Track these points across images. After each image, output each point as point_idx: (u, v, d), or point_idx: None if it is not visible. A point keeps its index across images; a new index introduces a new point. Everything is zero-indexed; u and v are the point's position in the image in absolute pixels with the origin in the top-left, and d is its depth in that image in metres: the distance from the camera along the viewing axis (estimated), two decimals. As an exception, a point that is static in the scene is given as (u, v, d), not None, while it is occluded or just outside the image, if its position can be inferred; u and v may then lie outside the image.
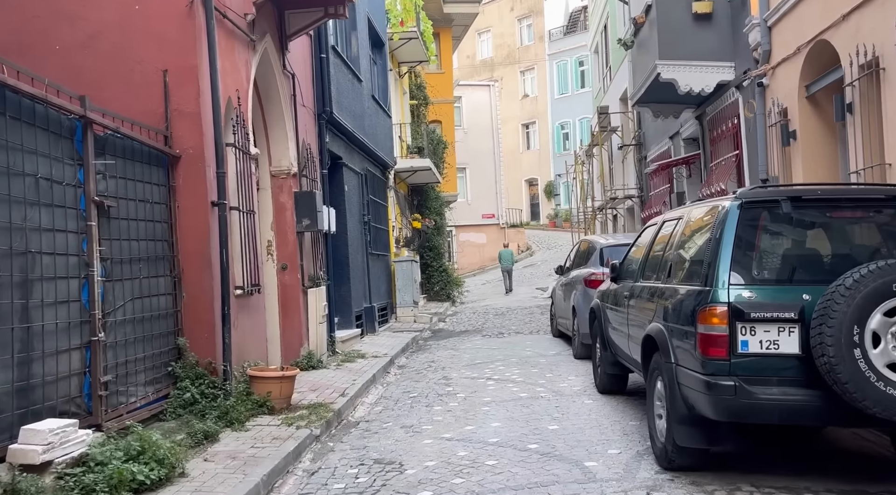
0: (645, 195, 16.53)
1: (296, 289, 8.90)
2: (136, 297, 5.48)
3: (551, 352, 10.07)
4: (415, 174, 17.63)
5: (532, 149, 40.78)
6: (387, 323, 14.42)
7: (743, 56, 9.73)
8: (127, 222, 5.41)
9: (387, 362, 9.50)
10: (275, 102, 8.70)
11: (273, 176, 8.86)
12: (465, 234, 32.87)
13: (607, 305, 6.65)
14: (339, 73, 10.96)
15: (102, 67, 6.13)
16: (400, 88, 18.95)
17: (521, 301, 19.96)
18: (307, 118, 9.70)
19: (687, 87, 10.24)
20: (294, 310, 8.88)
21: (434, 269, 20.51)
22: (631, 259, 6.28)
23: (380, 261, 14.28)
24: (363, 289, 12.54)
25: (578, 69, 38.25)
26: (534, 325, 13.69)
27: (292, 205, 8.91)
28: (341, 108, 10.87)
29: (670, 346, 4.37)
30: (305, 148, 9.45)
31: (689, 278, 4.41)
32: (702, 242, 4.40)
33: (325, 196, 10.11)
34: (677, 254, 4.74)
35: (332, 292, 10.15)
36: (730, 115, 10.43)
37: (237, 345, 6.67)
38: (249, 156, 7.32)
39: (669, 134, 14.02)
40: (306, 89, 9.71)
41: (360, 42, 12.77)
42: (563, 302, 10.65)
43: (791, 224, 4.09)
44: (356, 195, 12.44)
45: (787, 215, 4.04)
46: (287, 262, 8.84)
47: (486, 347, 10.98)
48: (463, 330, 13.94)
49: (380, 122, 14.21)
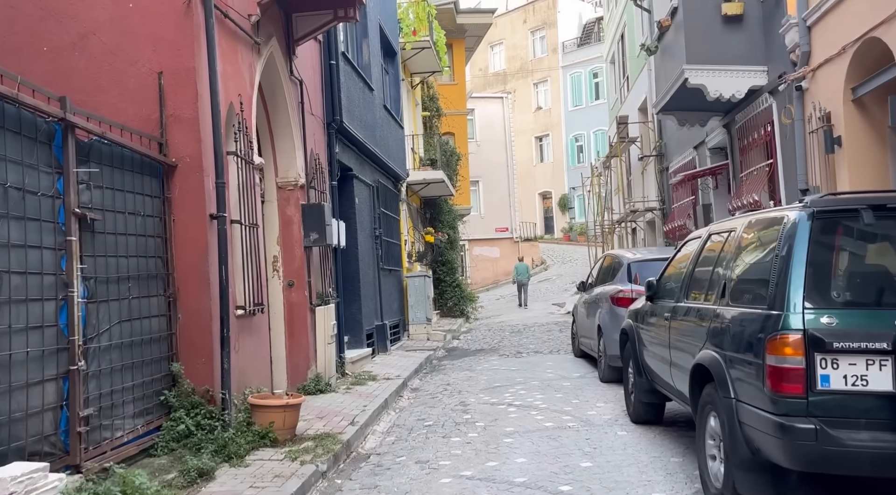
0: (667, 207, 15.93)
1: (303, 308, 8.37)
2: (125, 320, 4.96)
3: (575, 374, 9.46)
4: (427, 186, 17.13)
5: (546, 161, 40.26)
6: (399, 341, 13.86)
7: (777, 59, 9.17)
8: (114, 237, 4.91)
9: (399, 385, 8.94)
10: (281, 110, 8.22)
11: (279, 187, 8.37)
12: (479, 248, 32.30)
13: (642, 326, 6.06)
14: (350, 81, 10.49)
15: (94, 70, 5.67)
16: (412, 99, 18.51)
17: (537, 317, 19.34)
18: (316, 127, 9.22)
19: (716, 93, 9.68)
20: (301, 329, 8.35)
21: (447, 284, 19.96)
22: (670, 276, 5.70)
23: (392, 276, 13.74)
24: (374, 306, 12.00)
25: (592, 81, 37.78)
26: (553, 344, 13.08)
27: (299, 219, 8.40)
28: (352, 117, 10.39)
29: (728, 379, 3.79)
30: (314, 158, 8.95)
31: (749, 300, 3.83)
32: (763, 258, 3.83)
33: (335, 209, 9.61)
34: (733, 272, 4.16)
35: (341, 310, 9.61)
36: (762, 123, 9.85)
37: (238, 370, 6.14)
38: (253, 165, 6.82)
39: (694, 143, 13.44)
40: (315, 97, 9.24)
41: (372, 50, 12.32)
42: (586, 320, 10.05)
43: (874, 236, 3.51)
44: (367, 208, 11.94)
45: (868, 226, 3.46)
46: (294, 279, 8.33)
47: (505, 368, 10.39)
48: (478, 348, 13.35)
49: (392, 133, 13.73)
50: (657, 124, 16.30)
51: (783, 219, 3.72)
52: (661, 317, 5.44)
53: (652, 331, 5.73)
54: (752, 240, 4.10)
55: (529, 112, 40.27)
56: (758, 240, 4.02)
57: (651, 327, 5.77)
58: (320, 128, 9.42)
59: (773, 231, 3.81)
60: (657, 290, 5.79)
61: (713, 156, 12.58)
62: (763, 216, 4.10)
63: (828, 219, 3.53)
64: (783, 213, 3.80)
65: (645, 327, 5.99)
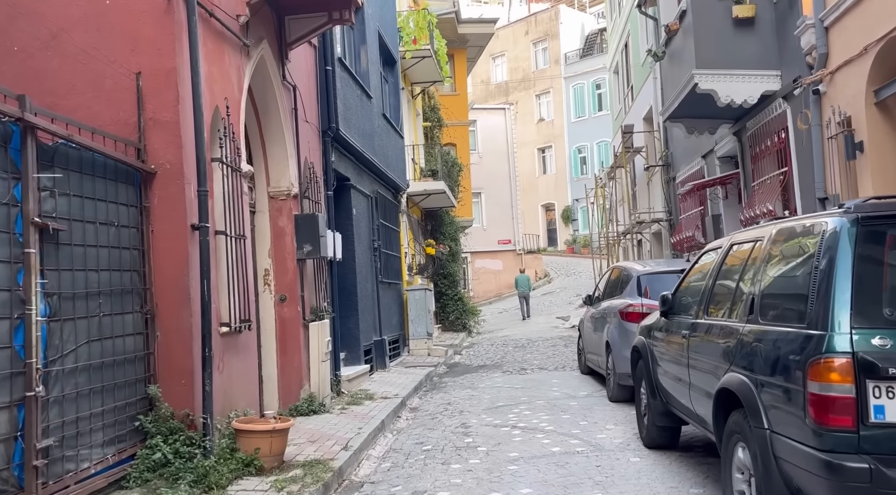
0: (674, 218, 15.51)
1: (296, 324, 7.96)
2: (94, 339, 4.56)
3: (582, 392, 9.01)
4: (428, 198, 16.75)
5: (548, 173, 39.91)
6: (399, 356, 13.42)
7: (791, 63, 8.79)
8: (83, 249, 4.51)
9: (398, 404, 8.50)
10: (273, 116, 7.86)
11: (271, 197, 7.98)
12: (481, 261, 31.88)
13: (656, 344, 5.63)
14: (347, 87, 10.14)
15: (68, 70, 5.30)
16: (413, 109, 18.18)
17: (541, 331, 18.89)
18: (310, 135, 8.85)
19: (728, 99, 9.30)
20: (293, 346, 7.93)
21: (449, 298, 19.53)
22: (686, 289, 5.29)
23: (391, 289, 13.33)
24: (373, 320, 11.58)
25: (595, 92, 37.50)
26: (558, 360, 12.62)
27: (292, 230, 8.01)
28: (349, 125, 10.02)
29: (760, 406, 3.36)
30: (308, 167, 8.58)
31: (783, 317, 3.41)
32: (798, 271, 3.41)
33: (331, 220, 9.22)
34: (761, 286, 3.74)
35: (337, 325, 9.19)
36: (775, 129, 9.46)
37: (222, 391, 5.72)
38: (240, 173, 6.44)
39: (702, 152, 13.05)
40: (310, 103, 8.87)
41: (370, 57, 11.98)
42: (593, 336, 9.61)
43: (929, 246, 3.10)
44: (365, 219, 11.55)
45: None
46: (286, 293, 7.92)
47: (508, 386, 9.94)
48: (481, 364, 12.90)
49: (391, 143, 13.37)
50: (663, 133, 15.93)
51: (821, 228, 3.31)
52: (677, 334, 5.01)
53: (667, 349, 5.30)
54: (783, 250, 3.69)
55: (532, 123, 39.99)
56: (790, 251, 3.61)
57: (666, 345, 5.35)
58: (315, 136, 9.05)
59: (808, 240, 3.40)
60: (672, 305, 5.37)
61: (723, 165, 12.18)
62: (795, 224, 3.69)
63: (874, 225, 3.11)
64: (820, 220, 3.39)
65: (659, 345, 5.57)
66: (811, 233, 3.41)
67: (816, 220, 3.44)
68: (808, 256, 3.33)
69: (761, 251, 3.90)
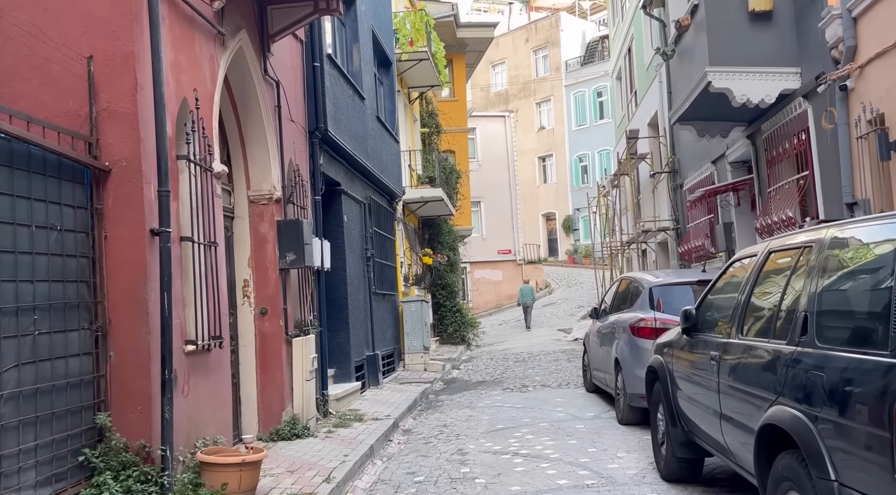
0: (681, 227, 14.88)
1: (278, 339, 7.30)
2: (28, 361, 3.91)
3: (589, 413, 8.34)
4: (425, 205, 16.13)
5: (549, 182, 39.32)
6: (393, 372, 12.75)
7: (812, 59, 8.20)
8: (14, 256, 3.87)
9: (389, 426, 7.83)
10: (254, 113, 7.24)
11: (252, 201, 7.35)
12: (481, 271, 31.23)
13: (677, 365, 4.98)
14: (337, 86, 9.53)
15: (10, 54, 4.69)
16: (410, 115, 17.60)
17: (542, 344, 18.21)
18: (296, 135, 8.23)
19: (743, 98, 8.68)
20: (275, 364, 7.27)
21: (447, 309, 18.87)
22: (713, 304, 4.64)
23: (385, 301, 12.67)
24: (365, 334, 10.92)
25: (597, 100, 36.97)
26: (562, 376, 11.94)
27: (275, 237, 7.38)
28: (339, 126, 9.41)
29: (823, 451, 2.72)
30: (293, 169, 7.95)
31: (852, 340, 2.77)
32: (869, 284, 2.77)
33: (318, 227, 8.60)
34: (819, 302, 3.09)
35: (324, 341, 8.54)
36: (795, 131, 8.84)
37: (186, 418, 5.07)
38: (212, 173, 5.81)
39: (712, 157, 12.44)
40: (295, 102, 8.26)
41: (364, 57, 11.39)
42: (600, 351, 8.95)
43: None
44: (357, 227, 10.92)
45: None
46: (267, 306, 7.28)
47: (509, 405, 9.26)
48: (480, 380, 12.23)
49: (385, 147, 12.76)
50: (670, 139, 15.32)
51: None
52: (704, 355, 4.36)
53: (691, 371, 4.65)
54: (844, 259, 3.05)
55: (532, 132, 39.45)
56: (855, 260, 2.97)
57: (690, 367, 4.70)
58: (302, 136, 8.43)
59: (882, 247, 2.75)
60: (696, 322, 4.72)
61: (734, 170, 11.57)
62: (860, 227, 3.05)
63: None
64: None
65: (681, 366, 4.91)
66: (884, 239, 2.76)
67: (891, 223, 2.79)
68: (881, 267, 2.69)
69: (814, 260, 3.26)
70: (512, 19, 46.80)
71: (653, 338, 7.11)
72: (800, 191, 8.82)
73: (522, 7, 50.85)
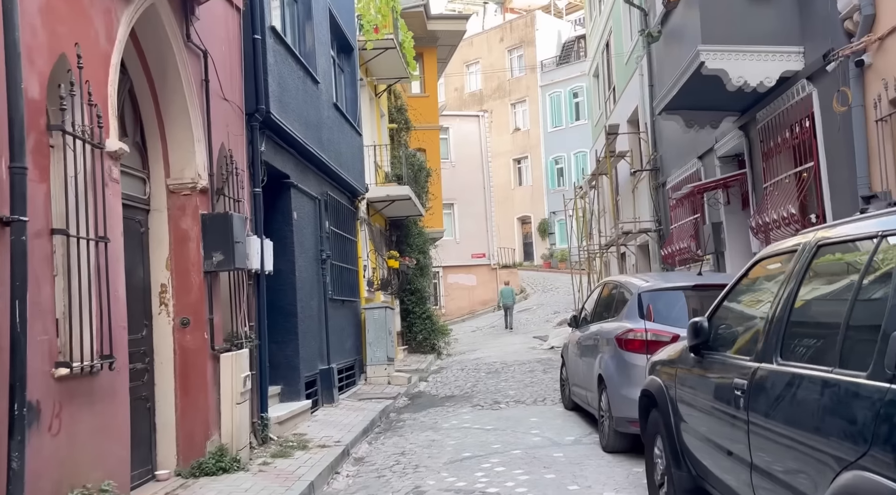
0: (664, 228, 13.97)
1: (202, 355, 6.15)
2: None
3: (568, 437, 7.29)
4: (392, 205, 15.02)
5: (524, 185, 38.42)
6: (354, 386, 11.61)
7: (817, 37, 7.29)
8: None
9: (338, 455, 6.71)
10: (174, 88, 6.10)
11: (172, 192, 6.20)
12: (454, 276, 30.17)
13: (684, 392, 3.95)
14: (284, 65, 8.41)
15: None
16: (377, 109, 16.50)
17: (517, 352, 17.18)
18: (231, 116, 7.10)
19: (740, 81, 7.75)
20: (198, 384, 6.12)
21: (416, 316, 17.77)
22: (733, 315, 3.62)
23: (345, 309, 11.54)
24: (319, 346, 9.78)
25: (573, 101, 36.18)
26: (537, 390, 10.90)
27: (199, 234, 6.23)
28: (285, 109, 8.29)
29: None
30: (225, 156, 6.82)
31: None
32: None
33: (258, 223, 7.46)
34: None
35: (264, 355, 7.40)
36: (797, 118, 7.93)
37: (57, 463, 3.93)
38: (104, 151, 4.66)
39: (699, 152, 11.52)
40: (230, 78, 7.13)
41: (319, 37, 10.28)
42: (580, 365, 7.92)
43: None
44: (311, 225, 9.78)
45: None
46: (189, 316, 6.13)
47: (478, 427, 8.19)
48: (448, 395, 11.15)
49: (345, 139, 11.65)
50: (651, 134, 14.42)
51: None
52: (724, 381, 3.33)
53: (704, 401, 3.62)
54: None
55: (507, 133, 38.54)
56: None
57: (701, 395, 3.66)
58: (238, 118, 7.29)
59: None
60: (709, 338, 3.68)
61: (724, 165, 10.66)
62: None
63: None
64: None
65: (688, 393, 3.88)
66: None
67: None
68: None
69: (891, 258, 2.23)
70: (486, 20, 45.95)
71: (643, 351, 6.10)
72: (801, 186, 7.89)
73: (497, 8, 50.07)
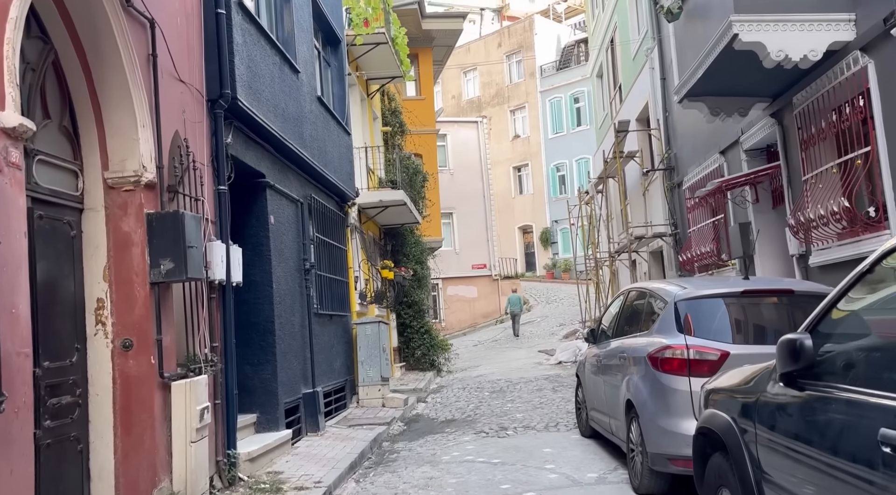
0: (681, 232, 12.90)
1: (148, 383, 5.07)
2: None
3: (590, 474, 6.17)
4: (385, 211, 13.96)
5: (525, 193, 37.38)
6: (344, 409, 10.50)
7: (870, 1, 6.27)
8: None
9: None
10: (112, 64, 5.05)
11: (110, 187, 5.14)
12: (454, 288, 29.06)
13: (773, 437, 2.85)
14: (256, 47, 7.38)
15: None
16: (369, 110, 15.48)
17: (522, 368, 16.05)
18: (188, 101, 6.05)
19: (780, 56, 6.71)
20: (143, 420, 5.04)
21: (414, 330, 16.65)
22: (855, 330, 2.53)
23: (333, 324, 10.44)
24: (302, 367, 8.67)
25: (574, 106, 35.23)
26: (548, 412, 9.78)
27: (144, 237, 5.16)
28: (257, 98, 7.24)
29: None
30: (179, 145, 5.76)
31: None
32: None
33: (223, 226, 6.40)
34: None
35: (230, 380, 6.30)
36: (847, 97, 6.88)
37: None
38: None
39: (721, 147, 10.48)
40: (188, 56, 6.09)
41: (299, 23, 9.26)
42: (601, 386, 6.83)
43: None
44: (292, 231, 8.71)
45: None
46: (132, 337, 5.05)
47: (482, 460, 7.07)
48: (449, 418, 10.03)
49: (331, 137, 10.60)
50: (664, 131, 13.38)
51: None
52: (856, 431, 2.24)
53: (817, 456, 2.52)
54: None
55: (507, 141, 37.55)
56: None
57: (811, 447, 2.56)
58: (198, 104, 6.24)
59: None
60: (812, 361, 2.59)
61: (751, 159, 9.61)
62: None
63: None
64: None
65: (782, 439, 2.78)
66: None
67: None
68: None
69: None
70: (484, 28, 45.13)
71: (684, 373, 5.02)
72: (851, 176, 6.83)
73: (495, 16, 49.30)
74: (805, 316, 2.80)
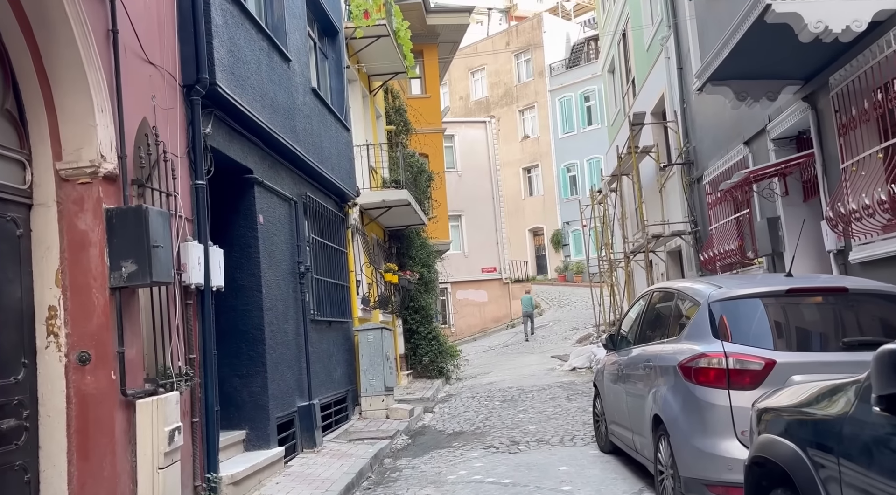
0: (701, 230, 12.19)
1: (108, 402, 4.45)
2: None
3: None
4: (389, 212, 13.33)
5: (535, 194, 36.66)
6: (346, 422, 9.85)
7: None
8: None
9: (304, 532, 4.95)
10: (64, 38, 4.44)
11: (64, 179, 4.54)
12: (463, 292, 28.39)
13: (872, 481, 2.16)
14: (239, 30, 6.77)
15: None
16: (371, 108, 14.87)
17: (534, 375, 15.34)
18: (159, 86, 5.44)
19: (818, 27, 6.00)
20: (103, 444, 4.41)
21: (422, 336, 16.00)
22: None
23: (332, 331, 9.81)
24: (296, 378, 8.04)
25: (584, 105, 34.52)
26: (562, 423, 9.08)
27: (103, 236, 4.54)
28: (242, 85, 6.63)
29: None
30: (146, 134, 5.15)
31: None
32: None
33: (201, 225, 5.78)
34: None
35: (211, 395, 5.67)
36: (890, 75, 6.18)
37: None
38: None
39: (745, 137, 9.78)
40: (158, 36, 5.49)
41: (291, 9, 8.66)
42: (623, 398, 6.14)
43: None
44: (284, 232, 8.09)
45: None
46: (90, 350, 4.44)
47: (492, 481, 6.39)
48: (457, 430, 9.36)
49: (328, 132, 9.99)
50: (682, 124, 12.69)
51: None
52: None
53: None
54: None
55: (516, 141, 36.88)
56: None
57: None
58: (171, 89, 5.63)
59: None
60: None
61: (780, 149, 8.92)
62: None
63: None
64: None
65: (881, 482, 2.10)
66: None
67: None
68: None
69: None
70: (491, 28, 44.52)
71: (722, 385, 4.34)
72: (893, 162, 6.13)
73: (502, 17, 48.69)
74: (861, 317, 2.17)
